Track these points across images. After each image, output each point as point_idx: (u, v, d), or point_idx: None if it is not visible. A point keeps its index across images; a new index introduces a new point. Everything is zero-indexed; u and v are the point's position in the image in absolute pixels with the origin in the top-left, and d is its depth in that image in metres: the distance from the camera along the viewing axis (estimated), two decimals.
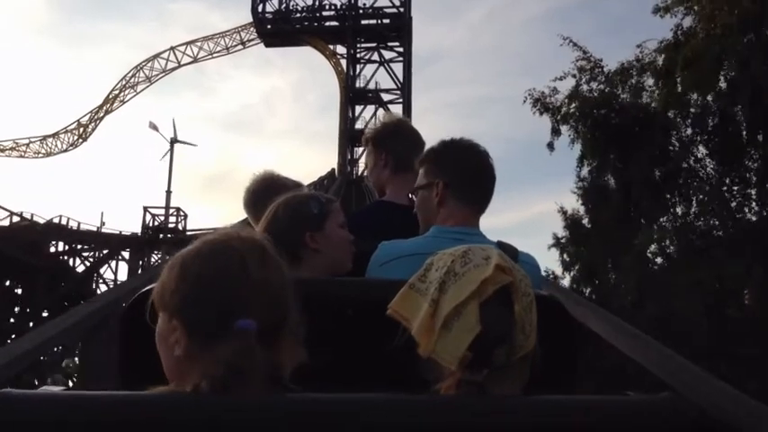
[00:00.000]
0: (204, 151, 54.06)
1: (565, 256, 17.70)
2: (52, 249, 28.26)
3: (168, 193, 30.62)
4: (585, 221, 15.91)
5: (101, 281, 28.45)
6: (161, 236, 28.37)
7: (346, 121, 36.79)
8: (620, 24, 52.25)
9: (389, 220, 2.11)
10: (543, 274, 2.87)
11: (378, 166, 2.30)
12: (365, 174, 31.86)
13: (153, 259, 27.86)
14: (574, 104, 12.71)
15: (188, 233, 28.66)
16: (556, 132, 13.17)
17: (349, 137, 36.55)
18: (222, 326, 0.93)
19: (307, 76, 48.36)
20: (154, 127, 32.01)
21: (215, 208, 51.10)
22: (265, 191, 2.00)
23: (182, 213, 29.77)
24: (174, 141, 31.91)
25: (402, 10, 36.95)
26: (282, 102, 51.39)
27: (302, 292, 1.04)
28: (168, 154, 31.69)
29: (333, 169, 30.98)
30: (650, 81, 12.24)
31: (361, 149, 37.10)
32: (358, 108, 37.80)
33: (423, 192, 1.80)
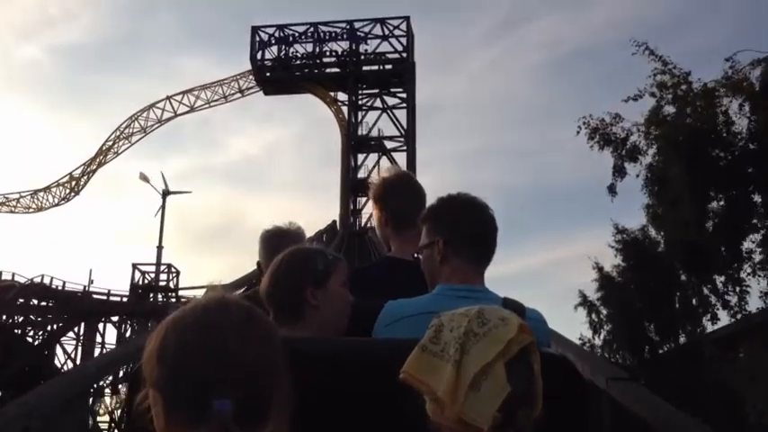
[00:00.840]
0: (205, 203, 55.98)
1: (593, 316, 15.91)
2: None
3: (159, 248, 28.80)
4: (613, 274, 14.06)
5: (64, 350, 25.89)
6: (151, 294, 26.46)
7: (348, 170, 35.23)
8: (618, 74, 50.60)
9: (394, 277, 2.14)
10: (578, 341, 2.91)
11: (381, 222, 2.35)
12: (369, 225, 30.34)
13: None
14: (653, 131, 9.76)
15: (180, 290, 26.78)
16: (619, 172, 10.43)
17: (351, 186, 34.91)
18: (199, 405, 0.89)
19: (310, 126, 49.81)
20: (144, 178, 30.34)
21: (216, 261, 50.18)
22: (278, 242, 2.18)
23: (173, 270, 27.79)
24: (165, 194, 30.18)
25: (405, 55, 35.77)
26: (285, 153, 51.53)
27: (305, 353, 1.11)
28: (161, 208, 29.95)
29: (334, 221, 29.13)
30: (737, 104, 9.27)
31: (364, 200, 35.54)
32: (360, 156, 36.29)
33: (426, 251, 1.82)
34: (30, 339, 25.55)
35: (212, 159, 50.83)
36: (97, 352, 24.77)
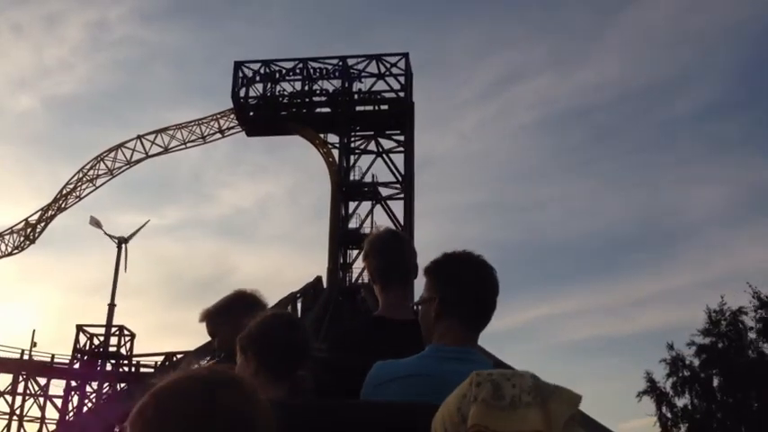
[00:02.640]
0: (195, 255, 52.58)
1: (664, 409, 12.37)
2: None
3: (111, 307, 24.23)
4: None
5: None
6: (99, 361, 22.03)
7: (338, 220, 31.44)
8: (609, 132, 51.20)
9: (378, 336, 2.11)
10: None
11: (371, 280, 2.34)
12: (361, 281, 26.39)
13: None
14: None
15: (134, 358, 22.44)
16: None
17: (341, 237, 31.05)
18: None
19: (303, 176, 48.08)
20: (96, 224, 26.09)
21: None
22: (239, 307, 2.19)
23: (126, 333, 23.41)
24: (122, 242, 25.89)
25: (403, 94, 32.54)
26: (276, 206, 49.49)
27: (300, 416, 1.19)
28: (123, 259, 25.47)
29: (318, 278, 24.62)
30: None
31: (355, 252, 31.69)
32: (352, 204, 32.58)
33: (424, 305, 1.81)
34: None
35: (204, 211, 49.54)
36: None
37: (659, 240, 49.57)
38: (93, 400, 21.08)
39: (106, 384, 21.28)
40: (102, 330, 23.15)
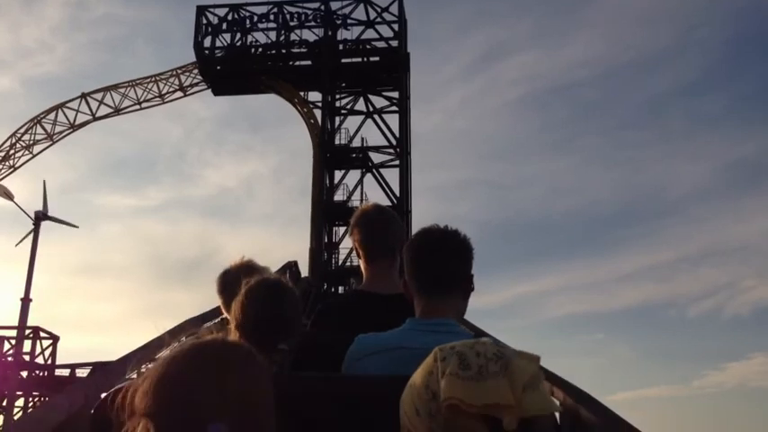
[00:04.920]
0: (180, 235, 51.06)
1: None
2: None
3: (25, 302, 18.37)
4: None
5: None
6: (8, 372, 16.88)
7: (322, 191, 26.57)
8: (593, 109, 50.64)
9: (362, 310, 2.09)
10: None
11: (357, 254, 2.35)
12: (350, 263, 21.67)
13: None
14: None
15: (57, 369, 17.43)
16: None
17: (326, 211, 26.22)
18: (194, 429, 0.96)
19: (288, 156, 46.87)
20: (6, 195, 20.53)
21: (187, 297, 46.76)
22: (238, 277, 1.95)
23: (43, 336, 18.06)
24: (40, 218, 20.29)
25: (396, 44, 27.62)
26: (262, 185, 48.11)
27: (287, 389, 1.15)
28: (32, 235, 19.84)
29: (291, 263, 18.78)
30: None
31: (343, 229, 26.92)
32: (339, 174, 27.74)
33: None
34: None
35: (188, 191, 47.92)
36: None
37: (642, 217, 49.20)
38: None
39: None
40: (15, 333, 17.85)
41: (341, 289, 25.12)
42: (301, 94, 28.02)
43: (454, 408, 1.05)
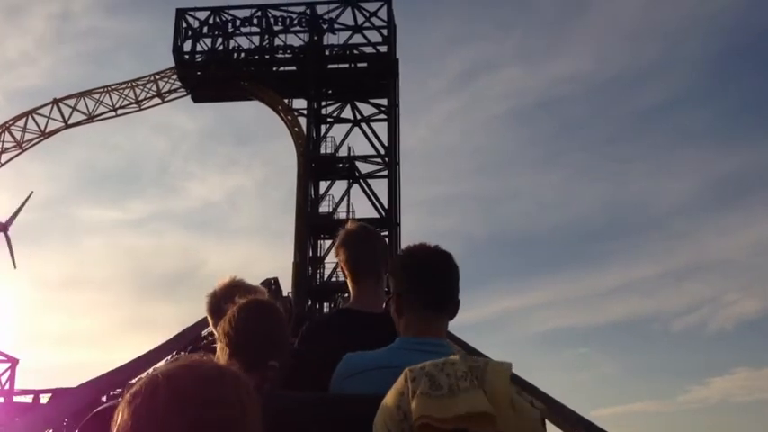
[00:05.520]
0: (163, 249, 50.47)
1: None
2: None
3: None
4: None
5: None
6: None
7: (306, 203, 25.28)
8: (579, 124, 51.59)
9: (347, 329, 2.09)
10: None
11: (343, 273, 2.37)
12: (334, 278, 20.74)
13: None
14: None
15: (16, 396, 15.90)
16: None
17: (311, 224, 24.91)
18: None
19: (273, 169, 45.93)
20: None
21: (171, 310, 46.40)
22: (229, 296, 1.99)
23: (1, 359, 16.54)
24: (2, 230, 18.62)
25: (385, 49, 26.50)
26: (246, 199, 47.60)
27: (275, 407, 1.19)
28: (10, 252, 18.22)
29: (271, 281, 17.12)
30: None
31: (329, 243, 25.56)
32: (324, 185, 26.49)
33: (392, 303, 1.83)
34: None
35: (172, 204, 48.39)
36: None
37: (627, 231, 50.49)
38: None
39: None
40: None
41: (326, 306, 23.75)
42: (285, 101, 26.81)
43: (426, 427, 1.06)
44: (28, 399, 16.96)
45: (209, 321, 2.30)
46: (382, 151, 25.82)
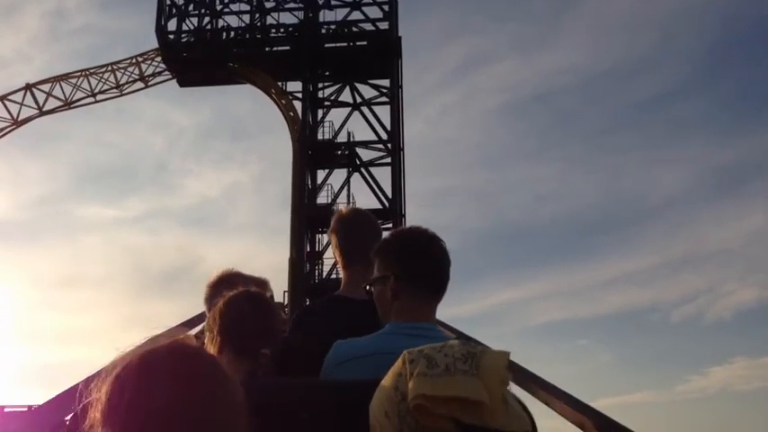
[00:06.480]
0: (162, 246, 48.87)
1: None
2: None
3: None
4: None
5: None
6: None
7: (303, 192, 23.17)
8: (574, 116, 49.62)
9: (339, 316, 2.08)
10: None
11: (336, 259, 2.37)
12: (335, 275, 19.02)
13: None
14: None
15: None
16: None
17: (308, 216, 22.79)
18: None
19: (270, 164, 44.86)
20: None
21: (169, 307, 44.54)
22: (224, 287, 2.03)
23: None
24: None
25: (387, 26, 24.39)
26: (244, 195, 46.35)
27: (263, 397, 1.13)
28: None
29: (262, 281, 15.14)
30: None
31: (327, 237, 23.56)
32: (322, 173, 24.38)
33: (378, 285, 1.80)
34: None
35: (169, 201, 46.22)
36: None
37: (624, 222, 49.12)
38: None
39: None
40: None
41: None
42: (279, 84, 24.67)
43: (422, 408, 1.06)
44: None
45: (207, 311, 2.28)
46: (385, 137, 23.72)
